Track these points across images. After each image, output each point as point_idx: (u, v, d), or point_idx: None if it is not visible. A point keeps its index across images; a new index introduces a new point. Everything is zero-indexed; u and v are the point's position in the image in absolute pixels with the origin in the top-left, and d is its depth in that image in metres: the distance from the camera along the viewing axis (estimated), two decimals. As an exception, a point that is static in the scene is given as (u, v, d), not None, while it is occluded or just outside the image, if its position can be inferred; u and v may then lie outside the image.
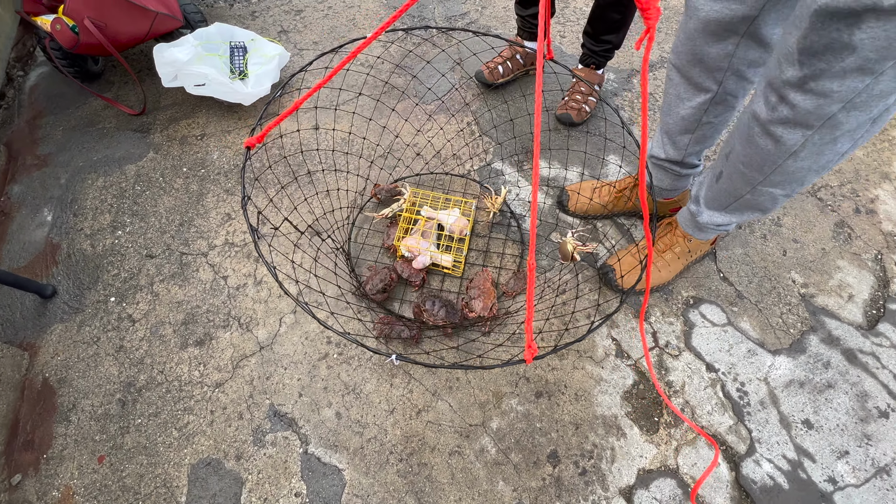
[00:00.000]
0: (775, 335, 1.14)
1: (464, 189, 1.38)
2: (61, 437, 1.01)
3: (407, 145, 1.45)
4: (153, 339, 1.13)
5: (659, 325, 1.15)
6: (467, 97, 1.58)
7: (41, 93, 1.62)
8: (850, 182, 1.41)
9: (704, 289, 1.20)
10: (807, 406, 1.04)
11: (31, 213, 1.33)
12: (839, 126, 0.69)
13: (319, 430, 1.01)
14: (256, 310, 1.16)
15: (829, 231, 1.31)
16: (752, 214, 0.97)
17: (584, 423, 1.02)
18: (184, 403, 1.05)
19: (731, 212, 0.98)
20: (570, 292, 1.18)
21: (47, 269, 1.24)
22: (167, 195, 1.36)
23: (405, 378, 1.07)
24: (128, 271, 1.23)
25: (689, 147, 1.06)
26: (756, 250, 1.27)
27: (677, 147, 1.07)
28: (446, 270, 1.21)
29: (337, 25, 1.82)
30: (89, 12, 1.28)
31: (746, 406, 1.04)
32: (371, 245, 1.26)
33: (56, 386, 1.07)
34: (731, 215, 0.99)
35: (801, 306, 1.18)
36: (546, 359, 1.10)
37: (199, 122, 1.52)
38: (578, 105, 1.47)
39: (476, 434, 1.01)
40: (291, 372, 1.08)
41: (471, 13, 1.88)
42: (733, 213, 0.98)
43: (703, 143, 1.05)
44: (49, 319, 1.16)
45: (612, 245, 1.27)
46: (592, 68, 1.49)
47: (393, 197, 1.31)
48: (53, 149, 1.47)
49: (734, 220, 1.00)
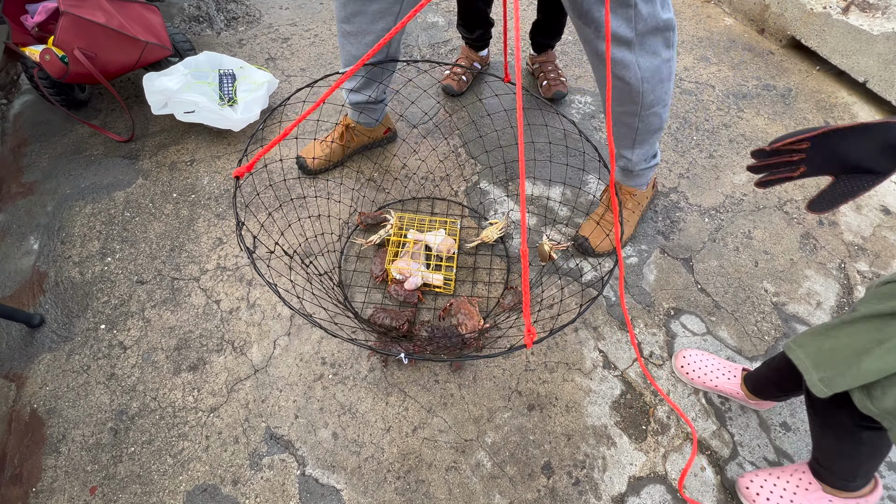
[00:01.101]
0: (752, 342, 1.20)
1: (447, 210, 1.42)
2: (51, 469, 0.99)
3: (387, 170, 1.49)
4: (145, 366, 1.12)
5: (643, 336, 1.20)
6: (453, 120, 1.64)
7: (26, 120, 1.62)
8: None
9: (684, 300, 1.26)
10: (783, 409, 1.10)
11: (17, 242, 1.32)
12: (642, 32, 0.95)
13: (316, 451, 1.02)
14: (250, 333, 1.17)
15: (796, 242, 1.39)
16: (656, 135, 1.18)
17: (576, 434, 1.05)
18: (178, 430, 1.04)
19: (642, 144, 1.18)
20: (556, 307, 1.22)
21: (34, 297, 1.22)
22: (157, 221, 1.37)
23: (400, 396, 1.09)
24: (118, 298, 1.22)
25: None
26: (730, 262, 1.34)
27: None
28: (438, 289, 1.24)
29: (323, 52, 1.88)
30: (80, 43, 1.30)
31: (728, 411, 1.09)
32: (361, 271, 1.29)
33: (45, 417, 1.06)
34: (644, 146, 1.19)
35: (774, 314, 1.25)
36: (537, 372, 1.13)
37: (188, 148, 1.54)
38: (557, 80, 1.71)
39: (471, 449, 1.03)
40: (287, 394, 1.09)
41: (453, 40, 1.96)
42: (644, 144, 1.18)
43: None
44: (37, 349, 1.14)
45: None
46: (548, 50, 1.74)
47: (379, 224, 1.34)
48: (39, 176, 1.46)
49: (650, 149, 1.21)
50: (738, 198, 1.49)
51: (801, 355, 0.73)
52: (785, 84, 1.85)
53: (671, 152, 1.59)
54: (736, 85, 1.84)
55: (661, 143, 1.61)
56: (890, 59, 1.65)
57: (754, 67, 1.91)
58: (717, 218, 1.44)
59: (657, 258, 1.34)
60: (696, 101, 1.77)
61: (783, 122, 1.71)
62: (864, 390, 0.64)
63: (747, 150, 1.61)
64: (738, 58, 1.95)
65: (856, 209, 1.48)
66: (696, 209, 1.45)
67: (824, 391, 0.68)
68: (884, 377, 0.61)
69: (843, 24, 1.75)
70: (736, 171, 1.56)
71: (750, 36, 2.06)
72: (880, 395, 0.62)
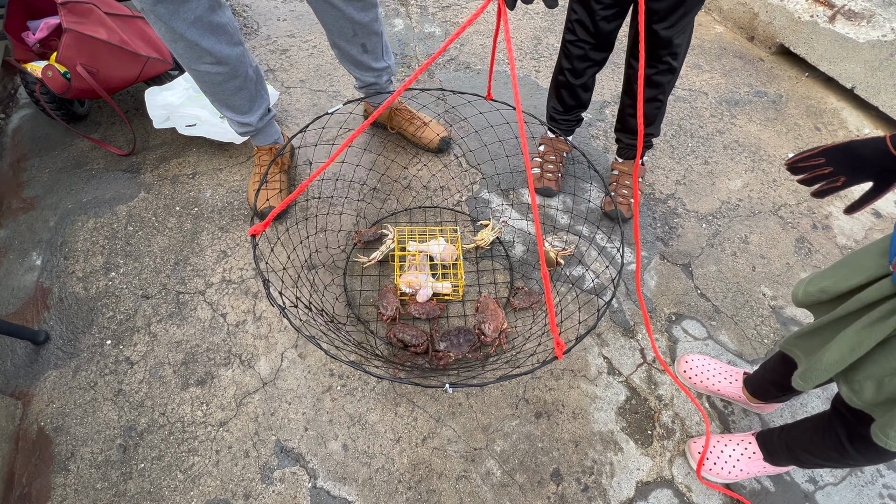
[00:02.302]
0: (752, 346, 1.22)
1: (441, 217, 1.44)
2: (60, 487, 0.99)
3: (394, 181, 1.51)
4: (153, 381, 1.12)
5: (645, 341, 1.22)
6: (452, 126, 1.66)
7: (25, 135, 1.61)
8: (806, 201, 1.54)
9: (684, 305, 1.28)
10: (784, 412, 1.12)
11: (19, 258, 1.32)
12: None
13: (327, 463, 1.03)
14: (257, 346, 1.18)
15: (792, 247, 1.42)
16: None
17: (583, 440, 1.07)
18: (187, 445, 1.04)
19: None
20: (568, 319, 1.24)
21: (38, 314, 1.22)
22: (161, 234, 1.37)
23: (408, 406, 1.10)
24: (123, 313, 1.22)
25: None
26: (728, 267, 1.37)
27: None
28: (448, 296, 1.25)
29: (322, 64, 1.89)
30: (82, 59, 1.31)
31: (731, 415, 1.11)
32: (367, 290, 1.30)
33: (52, 435, 1.05)
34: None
35: (772, 317, 1.27)
36: (543, 379, 1.14)
37: (189, 161, 1.54)
38: (626, 200, 1.42)
39: (481, 457, 1.04)
40: (296, 406, 1.09)
41: (450, 50, 1.98)
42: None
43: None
44: (42, 366, 1.14)
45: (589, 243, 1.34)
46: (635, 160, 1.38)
47: (377, 240, 1.36)
48: (40, 191, 1.46)
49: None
50: (734, 203, 1.52)
51: (797, 353, 0.76)
52: (776, 90, 1.89)
53: (668, 159, 1.63)
54: (728, 92, 1.88)
55: (658, 149, 1.65)
56: (876, 66, 1.70)
57: (745, 74, 1.95)
58: (714, 223, 1.47)
59: (657, 264, 1.36)
60: (691, 108, 1.80)
61: (775, 128, 1.75)
62: (848, 385, 0.67)
63: (741, 156, 1.65)
64: (730, 65, 1.99)
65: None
66: (693, 215, 1.48)
67: (802, 385, 0.72)
68: (862, 372, 0.64)
69: (830, 33, 1.79)
70: (731, 176, 1.59)
71: (740, 44, 2.10)
72: (859, 389, 0.65)
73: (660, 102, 1.28)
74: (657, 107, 1.29)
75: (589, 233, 1.41)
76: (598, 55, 1.25)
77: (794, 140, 1.72)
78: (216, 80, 1.16)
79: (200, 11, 1.02)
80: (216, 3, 1.05)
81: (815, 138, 1.73)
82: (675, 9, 1.06)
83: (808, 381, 0.71)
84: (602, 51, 1.24)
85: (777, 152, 1.67)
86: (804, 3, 1.88)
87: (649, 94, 1.25)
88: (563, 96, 1.38)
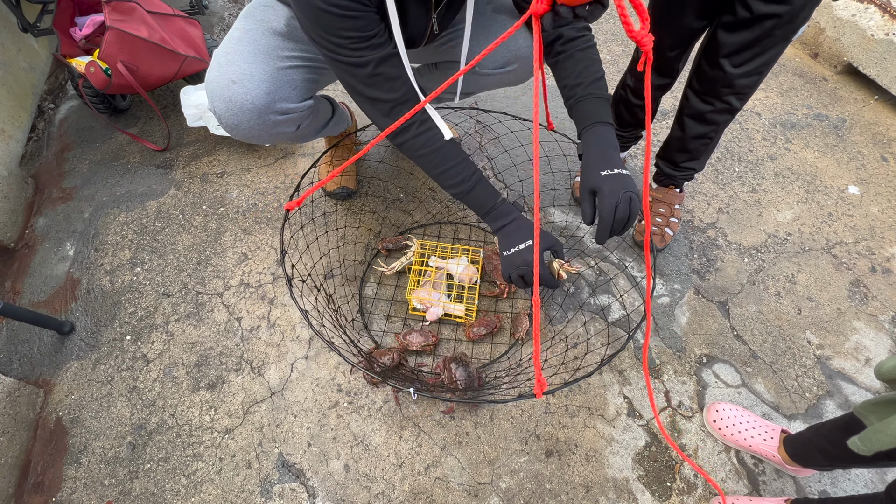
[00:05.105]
0: (791, 399, 1.12)
1: (470, 235, 1.39)
2: (71, 479, 1.02)
3: (413, 194, 1.47)
4: (166, 381, 1.13)
5: (671, 383, 1.14)
6: (482, 141, 1.60)
7: (70, 126, 1.68)
8: (865, 239, 1.40)
9: (718, 347, 1.19)
10: (824, 477, 1.02)
11: (54, 247, 1.37)
12: None
13: (327, 482, 1.01)
14: (269, 353, 1.17)
15: (845, 290, 1.30)
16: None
17: (595, 486, 1.01)
18: (193, 449, 1.05)
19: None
20: (582, 346, 1.17)
21: (66, 304, 1.26)
22: (186, 232, 1.39)
23: (414, 430, 1.07)
24: (144, 309, 1.24)
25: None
26: (770, 308, 1.26)
27: None
28: (459, 319, 1.21)
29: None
30: (123, 56, 1.34)
31: (762, 475, 1.02)
32: (382, 298, 1.27)
33: (69, 426, 1.08)
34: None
35: (816, 368, 1.16)
36: (557, 415, 1.09)
37: (219, 160, 1.56)
38: (660, 229, 1.32)
39: (485, 493, 1.00)
40: (301, 420, 1.08)
41: (487, 57, 1.92)
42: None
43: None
44: (65, 356, 1.17)
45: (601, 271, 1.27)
46: (671, 188, 1.33)
47: (400, 249, 1.32)
48: (79, 182, 1.51)
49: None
50: (782, 237, 1.40)
51: (873, 420, 0.69)
52: (838, 114, 1.74)
53: (710, 184, 1.52)
54: (784, 113, 1.74)
55: (701, 174, 1.54)
56: (960, 94, 1.53)
57: (805, 95, 1.81)
58: (757, 258, 1.36)
59: (690, 299, 1.27)
60: (740, 129, 1.68)
61: (835, 156, 1.61)
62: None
63: (794, 186, 1.52)
64: (788, 83, 1.85)
65: (913, 256, 1.37)
66: (735, 248, 1.38)
67: (860, 447, 0.67)
68: None
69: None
70: (781, 207, 1.47)
71: (802, 60, 1.95)
72: None
73: (710, 140, 1.16)
74: (705, 143, 1.18)
75: (618, 260, 1.33)
76: (660, 80, 1.16)
77: (857, 170, 1.57)
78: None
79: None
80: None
81: (881, 170, 1.58)
82: (749, 46, 0.94)
83: (870, 443, 0.65)
84: (664, 77, 1.15)
85: (835, 183, 1.54)
86: (879, 20, 1.72)
87: (700, 131, 1.14)
88: (620, 111, 1.31)
